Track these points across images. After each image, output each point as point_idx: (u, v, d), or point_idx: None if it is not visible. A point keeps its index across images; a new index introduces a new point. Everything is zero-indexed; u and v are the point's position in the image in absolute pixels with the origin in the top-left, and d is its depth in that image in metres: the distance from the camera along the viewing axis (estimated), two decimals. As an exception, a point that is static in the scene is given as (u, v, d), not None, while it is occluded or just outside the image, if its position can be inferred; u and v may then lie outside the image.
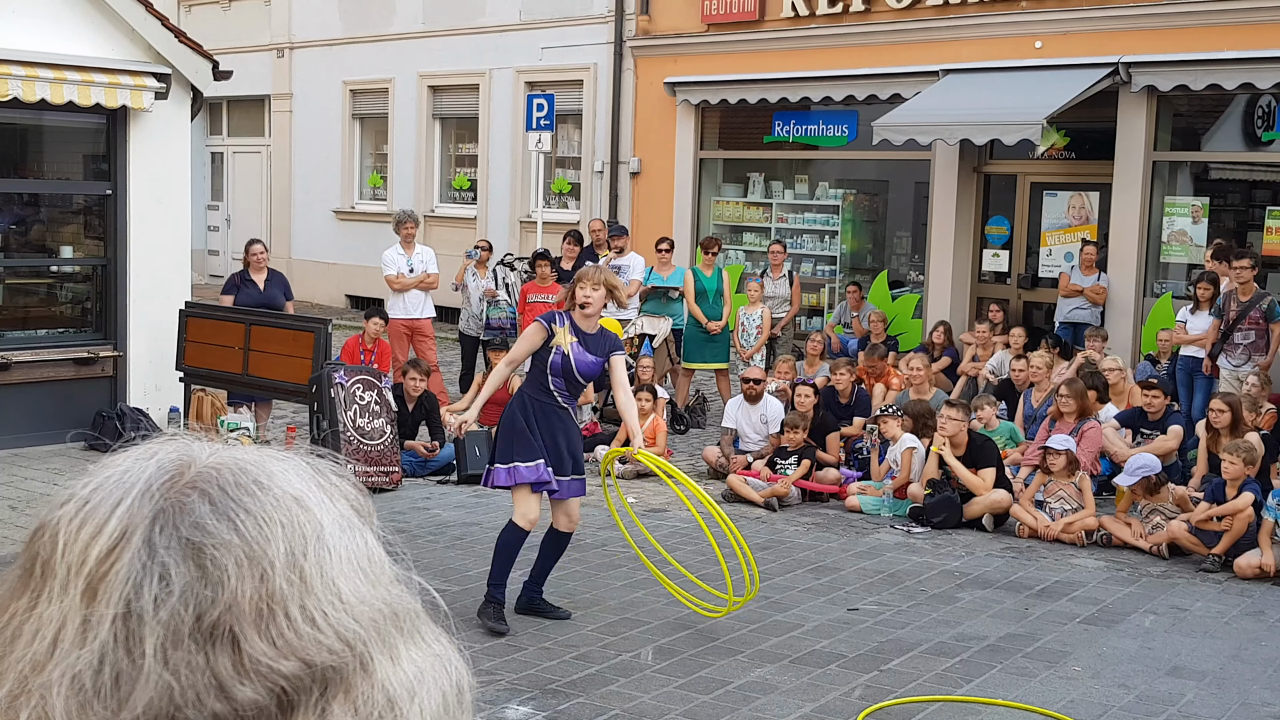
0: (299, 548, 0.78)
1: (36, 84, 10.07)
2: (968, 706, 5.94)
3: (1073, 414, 10.00)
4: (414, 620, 0.83)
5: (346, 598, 0.78)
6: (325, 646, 0.76)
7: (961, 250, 14.82)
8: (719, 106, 16.45)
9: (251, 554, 0.76)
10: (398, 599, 0.82)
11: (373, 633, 0.79)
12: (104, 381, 11.13)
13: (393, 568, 0.84)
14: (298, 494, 0.81)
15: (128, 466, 0.80)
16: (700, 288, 12.71)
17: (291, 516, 0.79)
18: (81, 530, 0.77)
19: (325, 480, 0.84)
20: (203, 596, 0.74)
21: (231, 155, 22.96)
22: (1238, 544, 8.35)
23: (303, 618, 0.76)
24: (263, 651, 0.74)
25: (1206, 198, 13.50)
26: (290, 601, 0.76)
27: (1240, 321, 10.84)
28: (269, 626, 0.75)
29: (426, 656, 0.82)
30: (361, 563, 0.81)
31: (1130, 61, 13.13)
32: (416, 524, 8.76)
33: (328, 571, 0.78)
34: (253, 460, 0.82)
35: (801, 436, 10.20)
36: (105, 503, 0.78)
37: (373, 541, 0.83)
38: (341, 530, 0.81)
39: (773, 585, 7.76)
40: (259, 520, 0.78)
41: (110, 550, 0.75)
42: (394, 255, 12.67)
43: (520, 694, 5.87)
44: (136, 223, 11.11)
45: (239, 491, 0.79)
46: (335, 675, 0.76)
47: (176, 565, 0.75)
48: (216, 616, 0.74)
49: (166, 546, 0.75)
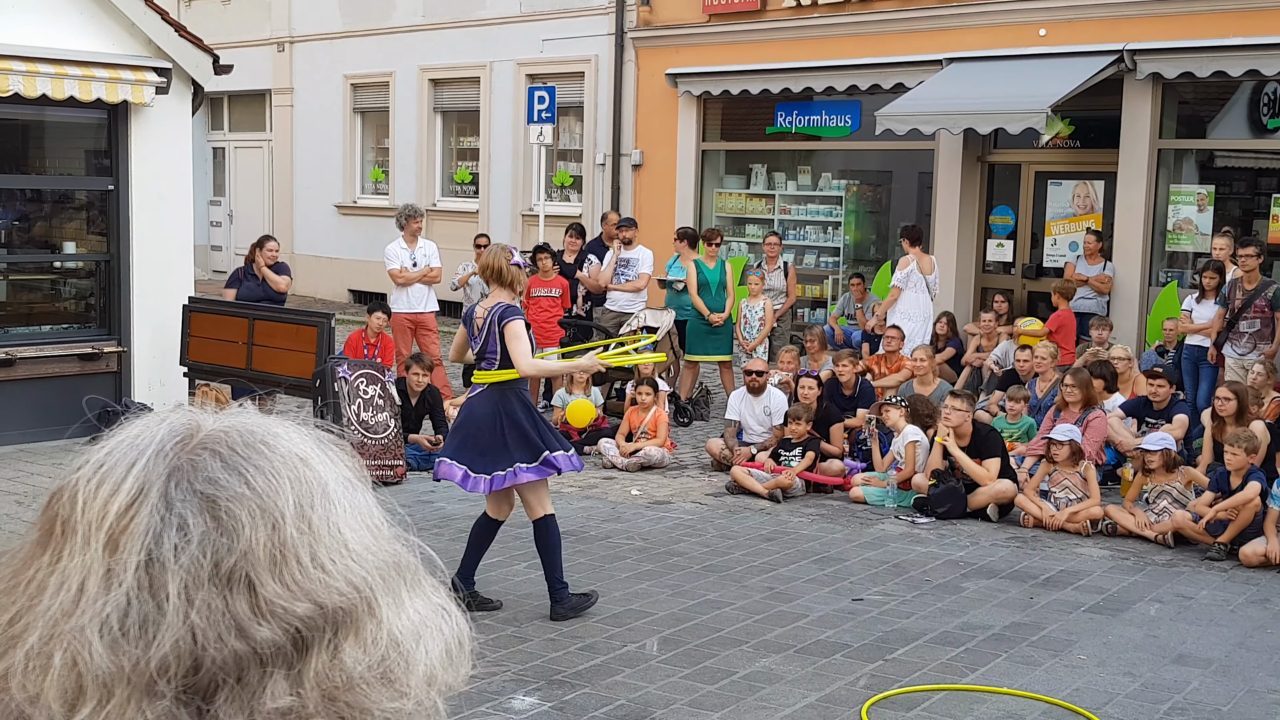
0: (306, 500, 0.83)
1: (37, 79, 10.06)
2: (973, 695, 5.93)
3: (1078, 404, 9.98)
4: (415, 572, 0.88)
5: (352, 546, 0.84)
6: (335, 589, 0.81)
7: (965, 240, 14.79)
8: (721, 98, 16.42)
9: (263, 505, 0.81)
10: (399, 552, 0.87)
11: (378, 579, 0.84)
12: (108, 377, 11.13)
13: (391, 527, 0.89)
14: (302, 454, 0.86)
15: (139, 431, 0.85)
16: (703, 279, 12.69)
17: (298, 473, 0.84)
18: (100, 489, 0.81)
19: (324, 444, 0.89)
20: (219, 544, 0.79)
21: (233, 150, 22.95)
22: (1243, 532, 8.33)
23: (313, 563, 0.81)
24: (277, 594, 0.79)
25: (1212, 186, 13.46)
26: (301, 549, 0.81)
27: (1246, 310, 10.81)
28: (282, 571, 0.80)
29: (429, 606, 0.88)
30: (364, 516, 0.86)
31: (1135, 49, 13.09)
32: (421, 517, 8.75)
33: (334, 522, 0.84)
34: (258, 424, 0.87)
35: (805, 428, 10.18)
36: (121, 463, 0.82)
37: (371, 500, 0.89)
38: (344, 487, 0.86)
39: (777, 576, 7.76)
40: (268, 475, 0.83)
41: (129, 505, 0.80)
42: (397, 249, 12.66)
43: (526, 684, 5.87)
44: (139, 218, 11.11)
45: (248, 450, 0.84)
46: (345, 617, 0.81)
47: (193, 516, 0.80)
48: (233, 563, 0.79)
49: (183, 500, 0.80)
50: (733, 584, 7.56)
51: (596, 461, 10.88)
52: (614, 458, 10.72)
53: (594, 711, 5.60)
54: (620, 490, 9.98)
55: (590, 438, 11.23)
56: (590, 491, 9.92)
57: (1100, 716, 5.65)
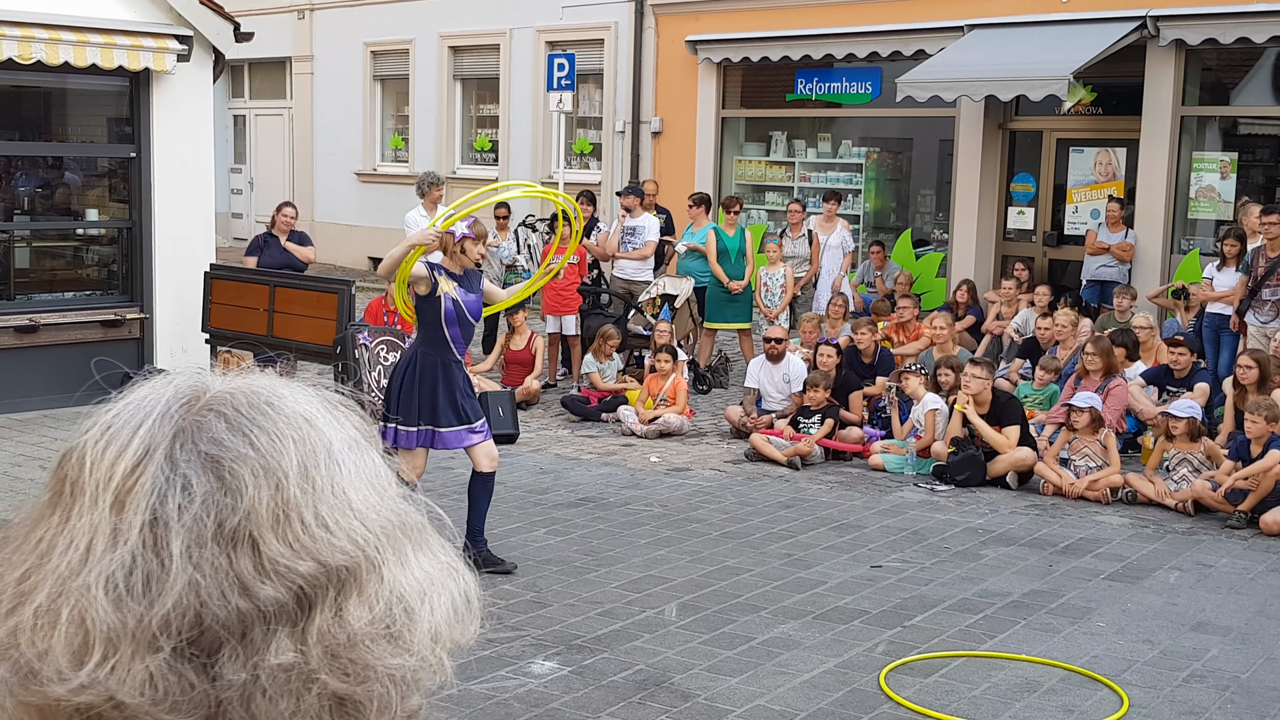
0: (310, 460, 0.84)
1: (60, 47, 10.08)
2: (991, 662, 5.95)
3: (1098, 371, 9.96)
4: (421, 531, 0.89)
5: (356, 505, 0.84)
6: (338, 549, 0.82)
7: (986, 208, 14.72)
8: (741, 64, 16.34)
9: (266, 465, 0.82)
10: (405, 511, 0.88)
11: (383, 538, 0.85)
12: (131, 344, 11.20)
13: (397, 486, 0.89)
14: (307, 414, 0.86)
15: (145, 394, 0.86)
16: (722, 247, 12.68)
17: (303, 434, 0.85)
18: (107, 450, 0.83)
19: (332, 405, 0.89)
20: (223, 504, 0.80)
21: (254, 118, 22.97)
22: (1263, 500, 8.32)
23: (316, 523, 0.82)
24: (280, 553, 0.80)
25: (1235, 153, 13.35)
26: (304, 508, 0.82)
27: (1269, 278, 10.74)
28: (285, 531, 0.81)
29: (436, 564, 0.88)
30: (369, 476, 0.87)
31: (1158, 15, 12.97)
32: (440, 483, 8.80)
33: (338, 482, 0.84)
34: (263, 385, 0.87)
35: (824, 395, 10.19)
36: (127, 425, 0.83)
37: (378, 460, 0.89)
38: (349, 447, 0.87)
39: (796, 543, 7.79)
40: (272, 436, 0.83)
41: (135, 466, 0.81)
42: (416, 217, 12.66)
43: (546, 649, 5.92)
44: (161, 185, 11.15)
45: (252, 411, 0.84)
46: (349, 576, 0.82)
47: (197, 476, 0.81)
48: (237, 523, 0.80)
49: (187, 460, 0.81)
50: (751, 550, 7.59)
51: (616, 429, 10.91)
52: (633, 424, 10.75)
53: (613, 676, 5.65)
54: (639, 457, 10.01)
55: (608, 406, 11.27)
56: (610, 458, 9.96)
57: (1119, 684, 5.67)
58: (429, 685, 0.86)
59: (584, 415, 11.28)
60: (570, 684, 5.55)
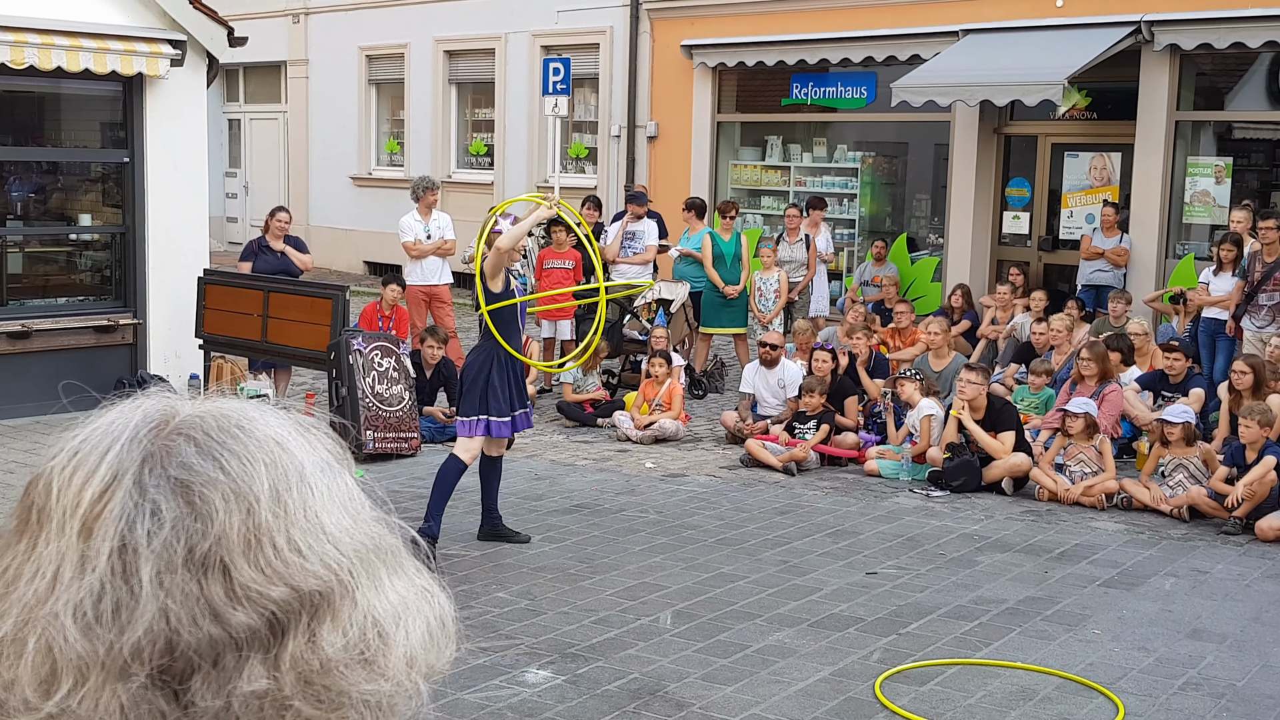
0: (282, 484, 0.82)
1: (53, 51, 10.06)
2: (986, 670, 5.94)
3: (1093, 377, 9.95)
4: (396, 554, 0.87)
5: (329, 529, 0.83)
6: (311, 573, 0.81)
7: (981, 212, 14.73)
8: (736, 69, 16.34)
9: (237, 490, 0.81)
10: (380, 534, 0.87)
11: (357, 562, 0.83)
12: (124, 349, 11.18)
13: (372, 509, 0.88)
14: (278, 437, 0.85)
15: (114, 418, 0.85)
16: (718, 252, 12.67)
17: (274, 457, 0.83)
18: (74, 476, 0.81)
19: (304, 428, 0.88)
20: (193, 529, 0.79)
21: (248, 122, 22.94)
22: (1259, 506, 8.31)
23: (289, 547, 0.81)
24: (252, 579, 0.79)
25: (1230, 158, 13.36)
26: (276, 533, 0.81)
27: (1265, 283, 10.74)
28: (257, 556, 0.80)
29: (410, 588, 0.87)
30: (342, 500, 0.86)
31: (1153, 20, 12.97)
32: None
33: (310, 506, 0.83)
34: (233, 408, 0.86)
35: (819, 401, 10.18)
36: (95, 450, 0.82)
37: (351, 483, 0.88)
38: (321, 471, 0.85)
39: (791, 549, 7.77)
40: (243, 459, 0.82)
41: (103, 492, 0.80)
42: (411, 221, 12.65)
43: (540, 658, 5.90)
44: (155, 190, 11.13)
45: (223, 435, 0.83)
46: (322, 601, 0.81)
47: (166, 501, 0.79)
48: (207, 548, 0.79)
49: (156, 486, 0.80)
50: (746, 557, 7.57)
51: (611, 434, 10.89)
52: (628, 430, 10.73)
53: (607, 685, 5.62)
54: (634, 463, 10.00)
55: (603, 411, 11.25)
56: (605, 464, 9.94)
57: (1114, 691, 5.66)
58: (404, 711, 0.85)
59: (579, 420, 11.26)
60: (564, 693, 5.53)
